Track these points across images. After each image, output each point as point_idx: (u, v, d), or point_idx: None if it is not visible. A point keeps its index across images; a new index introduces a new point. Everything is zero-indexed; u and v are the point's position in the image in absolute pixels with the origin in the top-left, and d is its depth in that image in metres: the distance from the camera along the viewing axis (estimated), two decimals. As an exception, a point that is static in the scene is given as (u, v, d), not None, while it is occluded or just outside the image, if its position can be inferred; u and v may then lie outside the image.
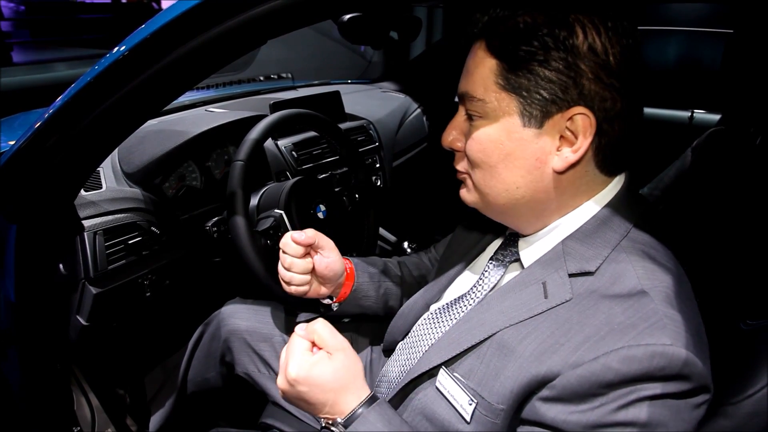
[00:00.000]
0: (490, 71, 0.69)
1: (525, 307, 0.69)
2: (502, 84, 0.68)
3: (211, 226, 1.32)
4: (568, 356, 0.60)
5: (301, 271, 0.96)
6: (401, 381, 0.82)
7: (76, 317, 1.15)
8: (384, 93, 2.39)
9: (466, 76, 0.72)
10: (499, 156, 0.70)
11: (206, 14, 0.70)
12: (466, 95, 0.72)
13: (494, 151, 0.71)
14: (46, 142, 0.86)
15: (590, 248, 0.69)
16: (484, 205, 0.78)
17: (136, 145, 1.32)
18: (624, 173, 0.74)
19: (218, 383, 1.27)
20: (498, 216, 0.79)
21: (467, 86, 0.72)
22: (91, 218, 1.14)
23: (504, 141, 0.70)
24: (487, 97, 0.69)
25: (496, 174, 0.72)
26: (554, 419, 0.61)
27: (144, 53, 0.74)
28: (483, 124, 0.71)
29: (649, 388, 0.57)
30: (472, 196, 0.78)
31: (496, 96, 0.69)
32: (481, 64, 0.70)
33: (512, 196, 0.73)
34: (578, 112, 0.66)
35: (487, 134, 0.71)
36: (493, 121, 0.70)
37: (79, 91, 0.81)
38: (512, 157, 0.70)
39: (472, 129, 0.72)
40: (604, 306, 0.63)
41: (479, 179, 0.74)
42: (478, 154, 0.72)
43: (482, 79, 0.69)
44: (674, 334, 0.57)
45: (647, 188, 1.55)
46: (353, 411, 0.70)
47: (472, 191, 0.78)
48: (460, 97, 0.74)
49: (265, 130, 1.21)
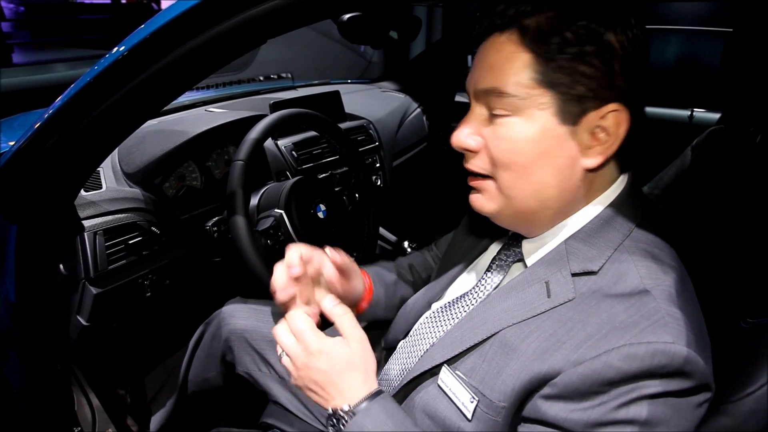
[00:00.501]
0: (524, 65, 0.65)
1: (528, 306, 0.69)
2: (539, 79, 0.65)
3: (212, 226, 1.33)
4: (570, 354, 0.61)
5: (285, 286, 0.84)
6: (403, 379, 0.82)
7: (77, 317, 1.15)
8: (384, 93, 2.39)
9: (492, 70, 0.68)
10: (532, 155, 0.67)
11: (205, 14, 0.70)
12: (493, 91, 0.67)
13: (527, 151, 0.67)
14: (46, 142, 0.86)
15: (593, 248, 0.69)
16: (508, 211, 0.73)
17: (136, 145, 1.32)
18: (628, 172, 0.74)
19: (219, 383, 1.27)
20: (516, 222, 0.76)
21: (495, 81, 0.67)
22: (91, 218, 1.14)
23: (539, 139, 0.66)
24: (521, 93, 0.65)
25: (527, 175, 0.68)
26: (555, 417, 0.61)
27: (143, 53, 0.74)
28: (514, 122, 0.67)
29: (651, 386, 0.57)
30: (493, 203, 0.73)
31: (531, 92, 0.65)
32: (512, 58, 0.66)
33: (542, 197, 0.70)
34: (613, 109, 0.65)
35: (520, 132, 0.67)
36: (527, 118, 0.66)
37: (78, 91, 0.81)
38: (546, 156, 0.67)
39: (498, 128, 0.68)
40: (607, 305, 0.63)
41: (507, 182, 0.70)
42: (508, 154, 0.68)
43: (514, 73, 0.66)
44: (676, 332, 0.57)
45: (647, 187, 1.55)
46: (361, 401, 0.70)
47: (494, 197, 0.72)
48: (482, 93, 0.69)
49: (265, 130, 1.21)
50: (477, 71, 0.70)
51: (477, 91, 0.70)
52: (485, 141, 0.70)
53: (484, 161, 0.71)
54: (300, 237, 1.21)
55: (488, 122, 0.70)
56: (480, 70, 0.70)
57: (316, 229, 1.27)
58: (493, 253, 0.86)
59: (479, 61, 0.70)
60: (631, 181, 0.73)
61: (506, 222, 0.76)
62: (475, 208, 0.76)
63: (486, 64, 0.69)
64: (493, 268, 0.83)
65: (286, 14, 0.68)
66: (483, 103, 0.70)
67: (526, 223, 0.75)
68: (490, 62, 0.68)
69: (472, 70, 0.72)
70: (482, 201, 0.74)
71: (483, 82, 0.69)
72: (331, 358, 0.72)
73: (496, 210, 0.73)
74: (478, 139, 0.71)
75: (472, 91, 0.72)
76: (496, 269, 0.82)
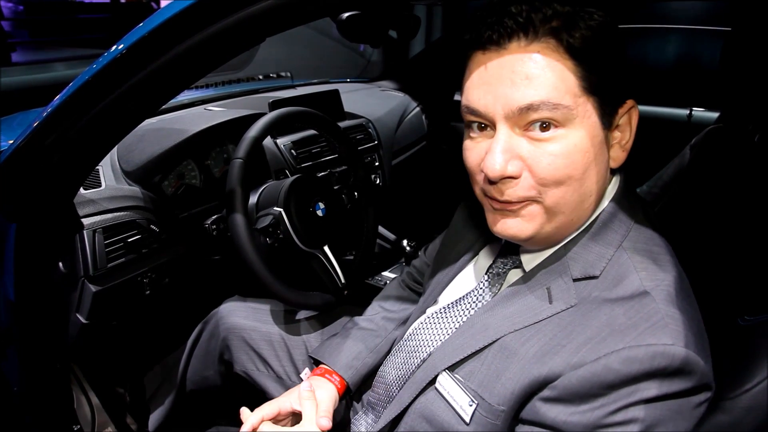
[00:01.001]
0: (571, 73, 0.62)
1: (530, 313, 0.69)
2: (585, 86, 0.62)
3: (210, 224, 1.32)
4: (570, 357, 0.61)
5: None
6: (402, 385, 0.82)
7: (76, 315, 1.15)
8: (383, 92, 2.39)
9: (533, 82, 0.61)
10: (584, 166, 0.64)
11: (203, 12, 0.70)
12: (543, 105, 0.61)
13: (581, 162, 0.64)
14: (44, 140, 0.86)
15: (593, 251, 0.68)
16: (548, 229, 0.68)
17: (136, 143, 1.32)
18: (621, 172, 0.74)
19: (217, 381, 1.27)
20: (547, 242, 0.72)
21: (544, 93, 0.61)
22: (90, 216, 1.14)
23: (589, 147, 0.64)
24: (573, 102, 0.62)
25: (579, 187, 0.65)
26: (554, 420, 0.61)
27: (142, 52, 0.75)
28: (566, 135, 0.63)
29: (651, 388, 0.57)
30: (534, 225, 0.67)
31: (580, 100, 0.62)
32: (555, 67, 0.61)
33: (584, 206, 0.68)
34: (631, 105, 0.67)
35: (575, 144, 0.63)
36: (578, 128, 0.63)
37: (77, 89, 0.81)
38: (594, 163, 0.65)
39: (548, 144, 0.63)
40: (607, 308, 0.63)
41: (558, 198, 0.65)
42: (563, 170, 0.63)
43: (562, 83, 0.61)
44: (675, 333, 0.58)
45: (646, 186, 1.55)
46: None
47: (536, 217, 0.67)
48: (523, 109, 0.62)
49: (264, 128, 1.21)
50: (507, 87, 0.62)
51: (513, 109, 0.62)
52: (525, 162, 0.64)
53: (528, 185, 0.65)
54: (299, 235, 1.21)
55: (526, 142, 0.64)
56: (514, 86, 0.62)
57: (314, 227, 1.26)
58: (486, 257, 0.86)
59: (506, 74, 0.63)
60: (624, 180, 0.74)
61: (539, 242, 0.71)
62: (508, 235, 0.70)
63: (519, 77, 0.62)
64: (491, 275, 0.82)
65: (284, 12, 0.68)
66: (517, 121, 0.63)
67: (555, 237, 0.71)
68: (525, 73, 0.61)
69: (487, 87, 0.64)
70: (521, 225, 0.68)
71: (525, 97, 0.61)
72: None
73: (537, 231, 0.68)
74: (518, 164, 0.64)
75: (501, 111, 0.63)
76: (493, 276, 0.81)
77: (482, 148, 0.67)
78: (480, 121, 0.67)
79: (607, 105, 0.65)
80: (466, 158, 0.71)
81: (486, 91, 0.64)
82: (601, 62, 0.63)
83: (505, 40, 0.62)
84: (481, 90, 0.65)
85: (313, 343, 1.15)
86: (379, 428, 0.83)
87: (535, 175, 0.64)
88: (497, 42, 0.63)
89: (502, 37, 0.62)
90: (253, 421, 0.85)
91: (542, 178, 0.64)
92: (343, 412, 1.03)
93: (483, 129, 0.68)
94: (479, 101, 0.65)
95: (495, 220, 0.71)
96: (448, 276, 0.91)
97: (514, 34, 0.62)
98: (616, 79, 0.65)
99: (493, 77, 0.64)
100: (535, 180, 0.64)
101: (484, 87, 0.64)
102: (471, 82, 0.67)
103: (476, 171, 0.69)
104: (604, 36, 0.63)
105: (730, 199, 1.20)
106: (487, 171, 0.65)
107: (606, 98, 0.65)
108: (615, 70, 0.65)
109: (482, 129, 0.68)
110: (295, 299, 1.15)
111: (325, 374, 0.98)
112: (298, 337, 1.17)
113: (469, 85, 0.67)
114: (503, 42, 0.62)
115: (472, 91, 0.66)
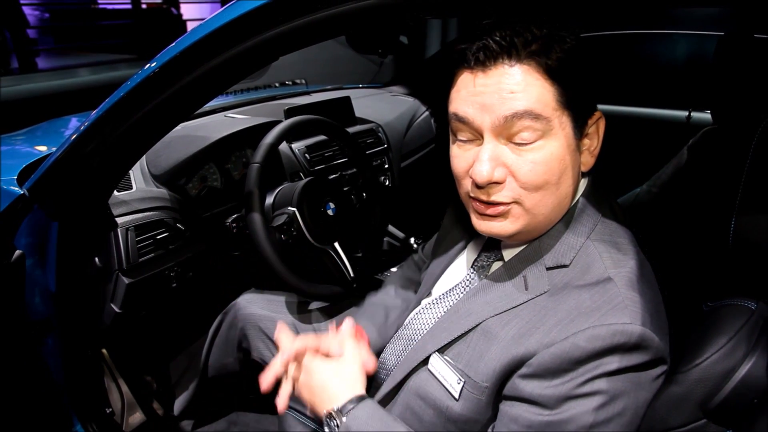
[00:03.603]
0: (549, 90, 0.68)
1: (508, 299, 0.76)
2: (562, 101, 0.69)
3: (231, 223, 1.38)
4: (543, 337, 0.68)
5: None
6: (399, 368, 0.88)
7: (110, 305, 1.23)
8: (393, 96, 2.42)
9: (515, 97, 0.67)
10: (560, 171, 0.70)
11: (225, 37, 0.78)
12: (526, 114, 0.67)
13: (558, 168, 0.70)
14: (85, 148, 0.95)
15: (564, 243, 0.75)
16: (529, 228, 0.74)
17: (163, 149, 1.40)
18: (590, 174, 0.81)
19: (236, 368, 1.34)
20: (528, 237, 0.77)
21: (527, 105, 0.67)
22: (123, 216, 1.22)
23: (564, 155, 0.70)
24: (551, 115, 0.68)
25: (556, 190, 0.72)
26: (531, 393, 0.68)
27: (172, 70, 0.83)
28: (545, 144, 0.69)
29: (612, 362, 0.64)
30: (517, 224, 0.73)
31: (557, 113, 0.69)
32: (535, 85, 0.67)
33: (561, 206, 0.74)
34: (599, 116, 0.75)
35: (552, 153, 0.69)
36: (555, 138, 0.69)
37: (115, 103, 0.89)
38: (569, 168, 0.72)
39: (529, 153, 0.69)
40: (575, 293, 0.70)
41: (536, 200, 0.71)
42: (542, 175, 0.69)
43: (541, 98, 0.68)
44: (634, 313, 0.65)
45: (646, 185, 1.58)
46: (347, 402, 0.80)
47: (519, 218, 0.73)
48: (509, 119, 0.68)
49: (279, 135, 1.27)
50: (494, 100, 0.68)
51: (500, 118, 0.68)
52: (509, 169, 0.70)
53: (511, 189, 0.71)
54: (311, 232, 1.27)
55: (509, 150, 0.70)
56: (500, 99, 0.68)
57: (326, 225, 1.32)
58: (472, 251, 0.93)
59: (493, 90, 0.68)
60: (593, 181, 0.81)
61: (520, 238, 0.77)
62: (492, 233, 0.76)
63: (505, 92, 0.68)
64: (476, 267, 0.89)
65: (297, 36, 0.76)
66: (502, 131, 0.69)
67: (534, 233, 0.77)
68: (510, 89, 0.67)
69: (475, 99, 0.70)
70: (505, 225, 0.74)
71: (511, 107, 0.67)
72: (318, 373, 0.85)
73: (519, 230, 0.74)
74: (503, 170, 0.70)
75: (488, 121, 0.69)
76: (478, 268, 0.88)
77: (470, 156, 0.73)
78: (467, 130, 0.73)
79: (579, 117, 0.72)
80: (453, 165, 0.78)
81: (474, 102, 0.70)
82: (574, 80, 0.70)
83: (491, 61, 0.68)
84: (469, 101, 0.70)
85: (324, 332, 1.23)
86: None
87: (518, 180, 0.70)
88: (483, 63, 0.69)
89: (488, 59, 0.68)
90: (297, 346, 0.87)
91: (524, 183, 0.70)
92: None
93: (470, 140, 0.74)
94: (468, 111, 0.71)
95: (479, 220, 0.77)
96: (440, 269, 0.97)
97: (499, 56, 0.68)
98: (587, 93, 0.73)
99: (480, 92, 0.69)
100: (518, 185, 0.71)
101: (472, 98, 0.70)
102: (459, 95, 0.72)
103: (463, 176, 0.76)
104: (576, 57, 0.70)
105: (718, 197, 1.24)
106: (476, 177, 0.70)
107: (578, 111, 0.72)
108: (586, 86, 0.73)
109: (470, 140, 0.74)
110: (307, 291, 1.22)
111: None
112: (310, 326, 1.25)
113: (457, 97, 0.73)
114: (489, 63, 0.68)
115: (461, 102, 0.72)
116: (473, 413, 0.75)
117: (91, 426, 1.23)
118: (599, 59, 0.73)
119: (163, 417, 1.51)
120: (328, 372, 0.85)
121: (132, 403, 1.42)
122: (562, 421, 0.66)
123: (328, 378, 0.84)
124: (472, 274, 0.89)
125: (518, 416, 0.69)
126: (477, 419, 0.76)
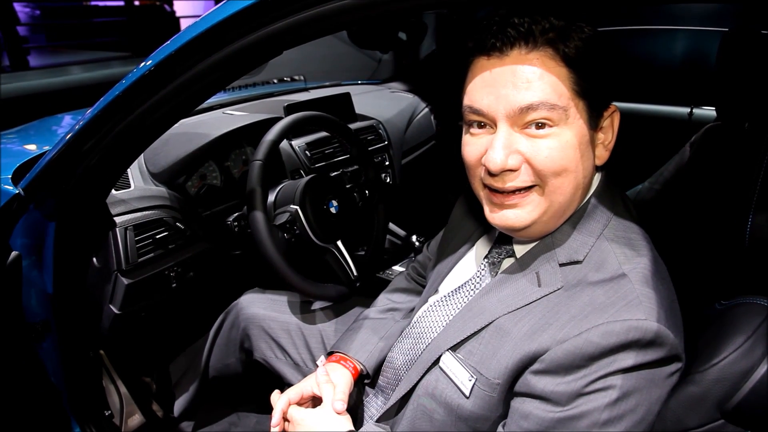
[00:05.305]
0: (565, 78, 0.68)
1: (521, 296, 0.75)
2: (577, 90, 0.69)
3: (232, 221, 1.38)
4: (556, 333, 0.67)
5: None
6: (408, 368, 0.88)
7: (109, 306, 1.22)
8: (393, 93, 2.42)
9: (531, 86, 0.67)
10: (576, 158, 0.70)
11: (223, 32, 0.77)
12: (542, 105, 0.67)
13: (574, 155, 0.70)
14: (82, 146, 0.93)
15: (577, 240, 0.75)
16: (547, 216, 0.74)
17: (161, 147, 1.38)
18: (603, 170, 0.80)
19: (238, 368, 1.33)
20: (544, 229, 0.76)
21: (543, 95, 0.67)
22: (121, 215, 1.21)
23: (579, 143, 0.70)
24: (567, 104, 0.69)
25: (574, 178, 0.72)
26: (543, 390, 0.67)
27: (168, 68, 0.82)
28: (560, 132, 0.69)
29: (627, 358, 0.63)
30: (534, 213, 0.73)
31: (572, 102, 0.69)
32: (551, 73, 0.68)
33: (576, 196, 0.74)
34: (614, 110, 0.75)
35: (567, 141, 0.69)
36: (570, 127, 0.69)
37: (112, 101, 0.88)
38: (584, 158, 0.72)
39: (544, 140, 0.69)
40: (589, 290, 0.69)
41: (558, 186, 0.71)
42: (560, 162, 0.70)
43: (557, 86, 0.68)
44: (649, 309, 0.64)
45: (648, 182, 1.58)
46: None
47: (538, 206, 0.73)
48: (524, 109, 0.68)
49: (281, 132, 1.26)
50: (509, 89, 0.68)
51: (515, 109, 0.68)
52: (524, 156, 0.70)
53: (528, 175, 0.71)
54: (314, 231, 1.26)
55: (524, 138, 0.70)
56: (516, 89, 0.68)
57: (328, 223, 1.31)
58: (482, 247, 0.92)
59: (508, 78, 0.68)
60: (606, 177, 0.80)
61: (532, 232, 0.76)
62: (506, 225, 0.75)
63: (520, 80, 0.68)
64: (487, 263, 0.88)
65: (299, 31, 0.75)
66: (516, 120, 0.69)
67: (548, 227, 0.76)
68: (526, 77, 0.68)
69: (490, 89, 0.70)
70: (521, 215, 0.73)
71: (526, 98, 0.68)
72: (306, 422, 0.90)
73: (534, 220, 0.73)
74: (518, 158, 0.70)
75: (503, 111, 0.69)
76: (489, 264, 0.87)
77: (482, 144, 0.73)
78: (481, 120, 0.72)
79: (594, 108, 0.72)
80: (465, 153, 0.77)
81: (489, 92, 0.70)
82: (591, 70, 0.70)
83: (507, 47, 0.68)
84: (484, 92, 0.70)
85: (327, 332, 1.22)
86: (388, 407, 0.90)
87: (535, 167, 0.70)
88: (500, 49, 0.69)
89: (505, 45, 0.68)
90: (282, 405, 0.94)
91: (541, 169, 0.70)
92: (356, 396, 1.08)
93: (482, 127, 0.73)
94: (482, 101, 0.71)
95: (493, 211, 0.76)
96: (448, 266, 0.97)
97: (516, 42, 0.68)
98: (603, 85, 0.72)
99: (496, 80, 0.69)
100: (534, 172, 0.71)
101: (488, 89, 0.70)
102: (474, 84, 0.72)
103: (475, 165, 0.75)
104: (594, 47, 0.70)
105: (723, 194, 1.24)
106: (489, 164, 0.71)
107: (593, 102, 0.72)
108: (602, 77, 0.72)
109: (482, 127, 0.73)
110: (310, 291, 1.20)
111: (340, 360, 1.04)
112: (313, 326, 1.24)
113: (473, 88, 0.72)
114: (506, 49, 0.69)
115: (476, 92, 0.72)
116: (484, 411, 0.75)
117: (89, 428, 1.22)
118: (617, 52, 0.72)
119: (163, 418, 1.50)
120: (314, 419, 0.90)
121: (131, 404, 1.41)
122: (573, 417, 0.65)
123: (315, 425, 0.90)
124: (483, 270, 0.88)
125: (529, 413, 0.69)
126: (488, 417, 0.75)
